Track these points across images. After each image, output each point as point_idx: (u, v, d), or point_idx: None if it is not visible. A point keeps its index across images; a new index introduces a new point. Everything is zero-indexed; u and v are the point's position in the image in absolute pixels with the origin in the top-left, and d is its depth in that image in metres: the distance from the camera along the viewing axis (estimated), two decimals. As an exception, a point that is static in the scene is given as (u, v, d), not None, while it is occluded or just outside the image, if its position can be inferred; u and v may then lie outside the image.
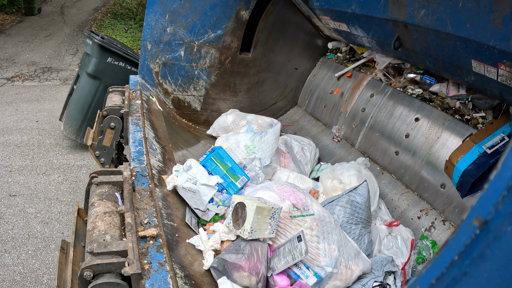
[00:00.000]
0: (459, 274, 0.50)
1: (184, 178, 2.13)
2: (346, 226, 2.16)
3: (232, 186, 2.33)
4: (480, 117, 2.50)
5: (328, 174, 2.66)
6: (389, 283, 1.98)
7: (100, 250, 1.26)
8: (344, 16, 3.03)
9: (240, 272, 1.69)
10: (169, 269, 1.34)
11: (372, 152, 3.13)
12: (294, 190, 2.10)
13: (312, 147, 3.16)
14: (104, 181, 1.67)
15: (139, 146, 2.15)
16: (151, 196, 1.74)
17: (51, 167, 4.39)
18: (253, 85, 3.87)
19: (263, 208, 1.80)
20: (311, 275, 1.80)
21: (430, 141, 2.64)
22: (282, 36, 3.82)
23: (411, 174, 2.73)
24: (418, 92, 2.93)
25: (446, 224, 2.43)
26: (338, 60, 3.92)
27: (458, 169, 2.29)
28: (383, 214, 2.53)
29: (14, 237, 3.33)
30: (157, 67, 3.28)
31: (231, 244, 1.86)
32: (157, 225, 1.56)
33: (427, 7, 2.14)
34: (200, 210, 2.19)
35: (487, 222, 0.46)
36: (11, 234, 3.36)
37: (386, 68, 3.31)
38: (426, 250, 2.33)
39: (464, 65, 2.18)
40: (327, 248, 1.86)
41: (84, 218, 1.72)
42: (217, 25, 3.34)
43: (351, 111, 3.43)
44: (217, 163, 2.35)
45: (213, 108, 3.72)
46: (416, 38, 2.41)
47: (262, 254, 1.80)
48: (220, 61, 3.51)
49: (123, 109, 2.52)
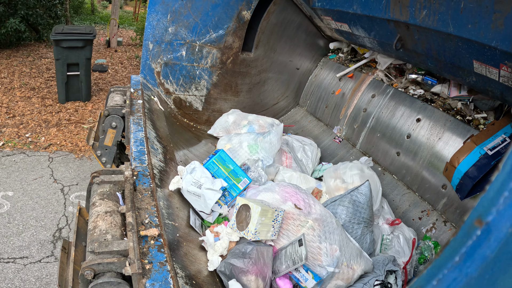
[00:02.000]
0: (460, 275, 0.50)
1: (189, 181, 2.14)
2: (349, 225, 2.16)
3: (234, 188, 2.34)
4: (481, 118, 2.49)
5: (331, 174, 2.66)
6: (390, 282, 1.98)
7: (101, 250, 1.27)
8: (346, 17, 3.02)
9: (247, 276, 1.70)
10: (170, 269, 1.34)
11: (373, 153, 3.12)
12: (296, 191, 2.10)
13: (313, 147, 3.16)
14: (106, 180, 1.67)
15: (141, 146, 2.16)
16: (152, 196, 1.74)
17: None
18: (254, 85, 3.87)
19: (267, 211, 1.81)
20: (310, 278, 1.80)
21: (431, 142, 2.64)
22: (283, 36, 3.82)
23: (412, 175, 2.73)
24: (420, 92, 2.93)
25: (447, 225, 2.42)
26: (340, 61, 3.92)
27: (459, 171, 2.28)
28: (386, 213, 2.52)
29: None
30: (158, 67, 3.28)
31: (236, 247, 1.86)
32: (158, 225, 1.56)
33: (428, 7, 2.14)
34: (204, 213, 2.20)
35: (488, 223, 0.46)
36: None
37: (387, 69, 3.31)
38: (428, 251, 2.32)
39: (465, 66, 2.18)
40: (329, 248, 1.86)
41: (86, 217, 1.73)
42: (219, 25, 3.34)
43: (353, 111, 3.43)
44: (219, 166, 2.36)
45: (215, 108, 3.72)
46: (417, 39, 2.41)
47: (268, 258, 1.81)
48: (221, 61, 3.52)
49: (125, 109, 2.52)
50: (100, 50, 9.74)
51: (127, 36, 11.73)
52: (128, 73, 8.11)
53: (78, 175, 4.34)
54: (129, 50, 10.07)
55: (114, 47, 10.06)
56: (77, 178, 4.29)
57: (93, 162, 4.68)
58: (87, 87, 6.20)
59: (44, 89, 6.55)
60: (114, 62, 8.78)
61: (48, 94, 6.37)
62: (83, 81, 6.04)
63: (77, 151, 4.87)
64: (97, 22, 13.54)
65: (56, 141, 5.02)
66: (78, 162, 4.63)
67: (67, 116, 5.71)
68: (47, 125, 5.39)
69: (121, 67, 8.50)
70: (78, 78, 5.98)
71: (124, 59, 9.17)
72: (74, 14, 13.22)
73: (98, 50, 9.67)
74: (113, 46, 10.09)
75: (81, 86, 6.09)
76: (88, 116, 5.80)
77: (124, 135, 2.61)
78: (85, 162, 4.66)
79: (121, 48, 10.22)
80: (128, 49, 10.14)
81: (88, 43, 5.71)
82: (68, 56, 5.67)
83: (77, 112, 5.89)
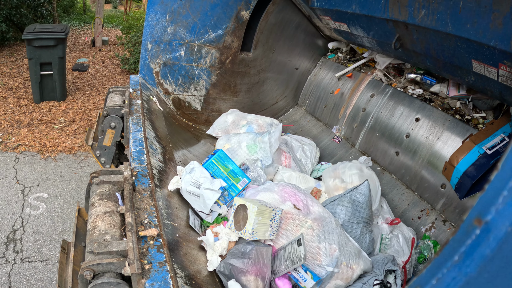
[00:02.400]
0: (459, 274, 0.50)
1: (188, 181, 2.14)
2: (348, 225, 2.16)
3: (234, 188, 2.34)
4: (480, 118, 2.50)
5: (330, 173, 2.66)
6: (389, 281, 1.98)
7: (100, 250, 1.26)
8: (345, 16, 3.02)
9: (247, 276, 1.70)
10: (169, 269, 1.34)
11: (372, 152, 3.12)
12: (295, 191, 2.10)
13: (312, 146, 3.16)
14: (105, 180, 1.67)
15: (140, 146, 2.15)
16: (151, 196, 1.74)
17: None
18: (253, 85, 3.87)
19: (264, 210, 1.81)
20: (309, 278, 1.80)
21: (430, 141, 2.64)
22: (282, 36, 3.82)
23: (412, 174, 2.73)
24: (419, 92, 2.93)
25: (447, 224, 2.43)
26: (339, 60, 3.92)
27: (458, 170, 2.29)
28: (385, 213, 2.53)
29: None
30: (157, 67, 3.28)
31: (235, 247, 1.87)
32: (157, 225, 1.56)
33: (427, 7, 2.14)
34: (204, 213, 2.20)
35: (487, 223, 0.46)
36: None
37: (386, 68, 3.31)
38: (427, 250, 2.33)
39: (464, 65, 2.18)
40: (328, 248, 1.86)
41: (85, 217, 1.72)
42: (218, 25, 3.34)
43: (352, 111, 3.43)
44: (218, 166, 2.36)
45: (214, 108, 3.72)
46: (416, 38, 2.41)
47: (267, 258, 1.81)
48: (220, 61, 3.51)
49: (124, 109, 2.52)
50: (84, 49, 9.71)
51: (115, 35, 11.70)
52: (108, 72, 8.10)
53: (40, 176, 4.32)
54: (114, 49, 10.06)
55: (98, 46, 10.02)
56: (39, 179, 4.27)
57: (57, 163, 4.66)
58: (62, 87, 6.15)
59: (21, 89, 6.54)
60: (96, 61, 8.76)
61: (24, 94, 6.35)
62: (57, 80, 5.99)
63: (44, 151, 4.86)
64: (87, 22, 13.45)
65: (25, 142, 5.01)
66: (43, 163, 4.62)
67: (39, 116, 5.69)
68: (19, 125, 5.38)
69: (102, 66, 8.48)
70: (52, 77, 5.94)
71: (106, 58, 9.16)
72: (64, 13, 13.12)
73: (82, 49, 9.65)
74: (98, 45, 10.04)
75: (55, 85, 6.04)
76: (60, 116, 5.77)
77: (123, 135, 2.61)
78: (49, 163, 4.64)
79: (106, 47, 10.21)
80: (113, 48, 10.13)
81: (60, 42, 5.68)
82: (41, 56, 5.64)
83: (50, 112, 5.86)
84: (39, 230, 3.51)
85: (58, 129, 5.43)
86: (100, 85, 7.30)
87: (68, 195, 4.06)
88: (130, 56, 8.13)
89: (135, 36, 8.05)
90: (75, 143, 5.15)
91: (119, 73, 8.13)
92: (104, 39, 10.35)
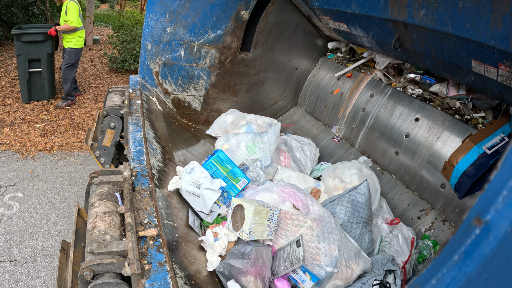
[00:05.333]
0: (459, 274, 0.50)
1: (188, 181, 2.14)
2: (347, 225, 2.16)
3: (233, 188, 2.34)
4: (480, 117, 2.50)
5: (330, 173, 2.66)
6: (389, 281, 1.98)
7: (100, 250, 1.26)
8: (344, 16, 3.02)
9: (246, 277, 1.70)
10: (169, 269, 1.34)
11: (372, 152, 3.13)
12: (294, 191, 2.10)
13: (312, 146, 3.16)
14: (104, 181, 1.67)
15: (139, 146, 2.15)
16: (151, 196, 1.74)
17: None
18: (253, 85, 3.87)
19: (261, 210, 1.81)
20: (307, 279, 1.80)
21: (430, 141, 2.64)
22: (282, 36, 3.82)
23: (411, 174, 2.73)
24: (418, 92, 2.93)
25: (446, 224, 2.43)
26: (338, 60, 3.92)
27: (457, 170, 2.29)
28: (385, 213, 2.53)
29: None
30: (157, 67, 3.28)
31: (235, 247, 1.86)
32: (157, 225, 1.56)
33: (427, 7, 2.14)
34: (203, 213, 2.20)
35: (487, 222, 0.46)
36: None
37: (386, 68, 3.31)
38: (427, 250, 2.33)
39: (464, 65, 2.18)
40: (328, 248, 1.86)
41: (84, 218, 1.72)
42: (217, 25, 3.34)
43: (351, 111, 3.43)
44: (217, 166, 2.36)
45: (213, 108, 3.72)
46: (416, 38, 2.41)
47: (267, 259, 1.81)
48: (220, 61, 3.51)
49: (123, 109, 2.52)
50: (74, 48, 9.75)
51: (107, 35, 11.68)
52: (95, 71, 8.07)
53: (17, 176, 4.31)
54: (105, 48, 10.04)
55: (89, 45, 10.01)
56: (16, 178, 4.26)
57: (36, 162, 4.66)
58: (51, 85, 6.12)
59: (7, 88, 6.53)
60: (85, 60, 8.74)
61: (10, 93, 6.34)
62: (46, 77, 5.96)
63: (24, 151, 4.85)
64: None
65: (6, 141, 5.01)
66: (21, 162, 4.61)
67: (22, 115, 5.68)
68: (2, 125, 5.37)
69: (90, 65, 8.46)
70: (40, 75, 5.91)
71: (96, 57, 9.13)
72: (57, 13, 13.08)
73: (72, 48, 9.69)
74: (88, 44, 10.03)
75: (44, 83, 6.00)
76: (43, 115, 5.73)
77: (123, 135, 2.61)
78: (28, 162, 4.63)
79: (97, 46, 10.18)
80: (104, 47, 10.11)
81: (49, 37, 5.69)
82: (29, 51, 5.63)
83: (33, 111, 5.84)
84: (10, 230, 3.50)
85: (39, 128, 5.43)
86: (86, 84, 7.29)
87: (42, 195, 4.05)
88: (118, 54, 8.11)
89: (123, 35, 8.01)
90: (55, 143, 5.14)
91: (107, 72, 8.12)
92: (95, 38, 10.34)
